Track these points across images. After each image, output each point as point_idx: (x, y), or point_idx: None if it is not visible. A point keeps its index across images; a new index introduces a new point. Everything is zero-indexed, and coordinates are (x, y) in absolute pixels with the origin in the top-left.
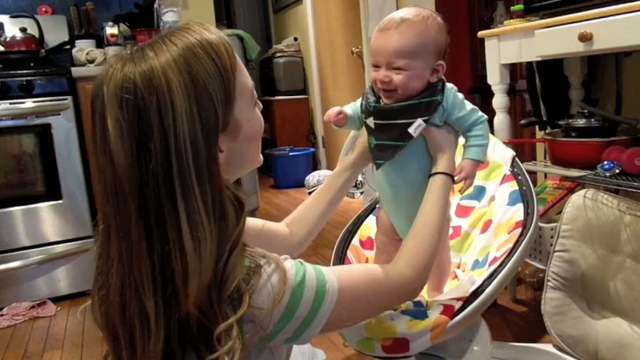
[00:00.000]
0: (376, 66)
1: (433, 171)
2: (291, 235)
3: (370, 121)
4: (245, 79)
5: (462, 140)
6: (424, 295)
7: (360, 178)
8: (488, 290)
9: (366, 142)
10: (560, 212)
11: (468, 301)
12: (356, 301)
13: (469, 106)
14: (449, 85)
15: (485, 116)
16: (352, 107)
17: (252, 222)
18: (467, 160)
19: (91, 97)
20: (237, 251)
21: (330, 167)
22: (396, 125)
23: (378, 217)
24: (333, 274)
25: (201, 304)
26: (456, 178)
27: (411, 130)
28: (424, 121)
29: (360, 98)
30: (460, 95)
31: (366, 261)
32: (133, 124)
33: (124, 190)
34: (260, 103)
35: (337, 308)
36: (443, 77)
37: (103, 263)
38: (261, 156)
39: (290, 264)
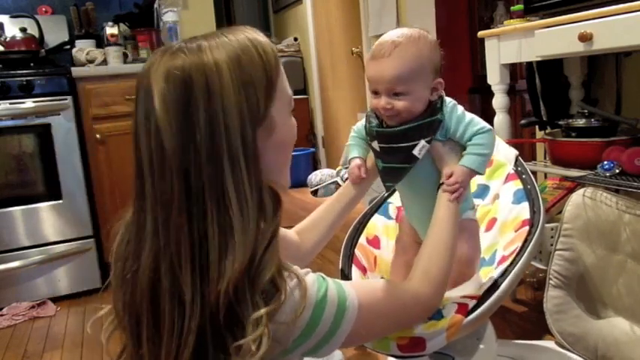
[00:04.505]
0: (375, 92)
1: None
2: (301, 243)
3: (375, 145)
4: (285, 86)
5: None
6: None
7: None
8: (501, 288)
9: (373, 160)
10: (560, 212)
11: (481, 299)
12: (375, 318)
13: (469, 117)
14: (447, 99)
15: (490, 127)
16: (356, 129)
17: None
18: (460, 166)
19: (137, 79)
20: (274, 242)
21: (330, 167)
22: (401, 148)
23: (400, 220)
24: (353, 290)
25: (235, 289)
26: (444, 182)
27: (415, 152)
28: (427, 142)
29: (364, 120)
30: (460, 108)
31: (375, 259)
32: (178, 97)
33: (169, 162)
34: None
35: (356, 325)
36: (442, 93)
37: (132, 246)
38: (288, 177)
39: (312, 279)
